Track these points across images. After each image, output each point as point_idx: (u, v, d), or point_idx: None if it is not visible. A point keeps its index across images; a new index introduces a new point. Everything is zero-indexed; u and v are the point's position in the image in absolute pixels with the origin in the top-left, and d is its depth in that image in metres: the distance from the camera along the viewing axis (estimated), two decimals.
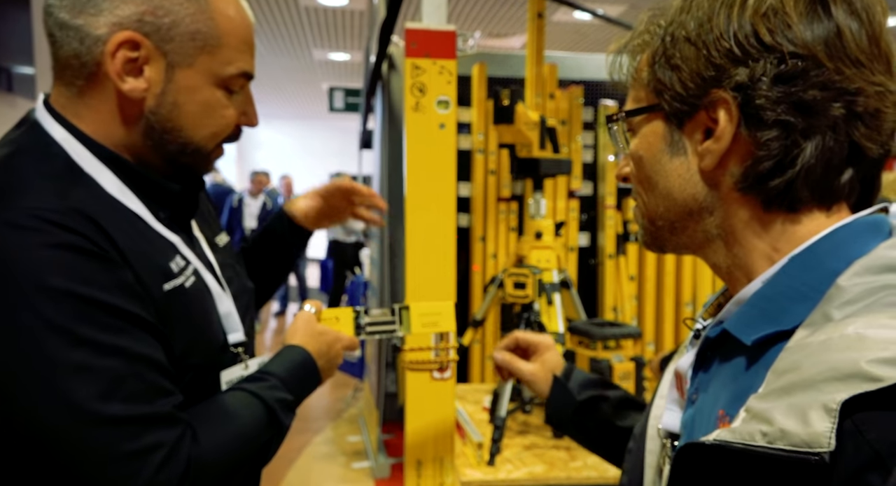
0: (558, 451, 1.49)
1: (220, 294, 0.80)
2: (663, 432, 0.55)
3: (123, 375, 0.63)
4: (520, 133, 1.69)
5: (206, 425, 0.70)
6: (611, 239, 3.00)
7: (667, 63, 0.50)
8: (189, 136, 0.75)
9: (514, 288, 1.54)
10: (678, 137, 0.51)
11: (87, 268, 0.63)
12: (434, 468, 1.26)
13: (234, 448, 0.72)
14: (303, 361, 0.86)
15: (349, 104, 6.41)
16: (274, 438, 0.78)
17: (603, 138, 3.03)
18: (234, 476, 0.74)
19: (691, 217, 0.52)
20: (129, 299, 0.65)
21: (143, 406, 0.64)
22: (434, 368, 1.25)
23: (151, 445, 0.63)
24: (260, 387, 0.78)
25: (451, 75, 1.23)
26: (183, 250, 0.75)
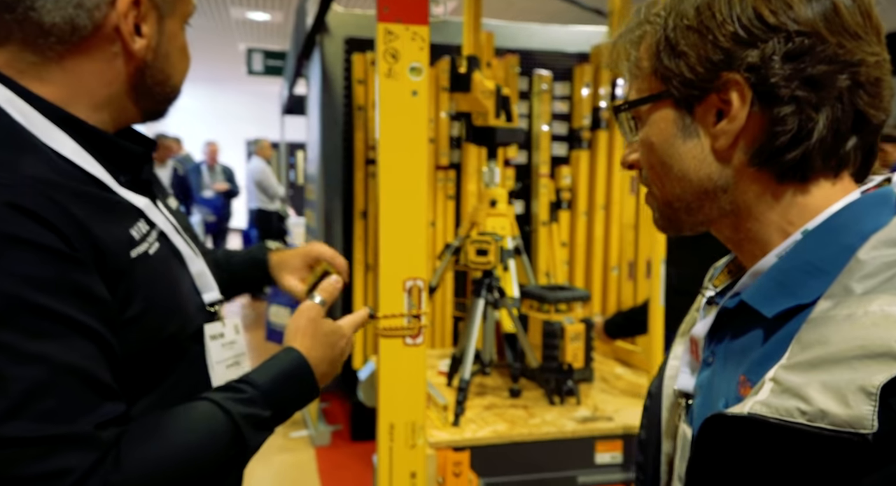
0: (517, 410, 1.56)
1: (191, 256, 0.77)
2: (678, 392, 0.58)
3: (41, 387, 0.56)
4: (476, 101, 1.71)
5: (139, 445, 0.62)
6: (544, 207, 3.10)
7: (672, 50, 0.51)
8: (174, 83, 0.76)
9: (477, 255, 1.57)
10: (689, 120, 0.52)
11: (22, 261, 0.57)
12: (406, 430, 1.29)
13: (172, 473, 0.63)
14: (295, 369, 0.76)
15: (269, 67, 6.13)
16: (234, 459, 0.68)
17: (537, 108, 3.10)
18: None
19: (707, 196, 0.53)
20: (69, 298, 0.59)
21: (57, 426, 0.56)
22: (407, 334, 1.27)
23: (57, 470, 0.56)
24: (229, 397, 0.69)
25: (424, 42, 1.22)
26: (150, 214, 0.72)
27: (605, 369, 1.88)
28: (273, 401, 0.72)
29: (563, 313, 1.70)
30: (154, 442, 0.63)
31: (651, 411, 0.64)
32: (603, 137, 3.04)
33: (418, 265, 1.27)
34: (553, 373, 1.61)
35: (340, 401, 3.48)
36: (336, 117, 3.04)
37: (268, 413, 0.71)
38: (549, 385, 1.59)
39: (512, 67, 3.06)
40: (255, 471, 2.78)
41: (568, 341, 1.67)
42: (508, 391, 1.65)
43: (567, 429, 1.45)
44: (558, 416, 1.51)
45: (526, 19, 6.04)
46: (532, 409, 1.56)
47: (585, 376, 1.71)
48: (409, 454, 1.30)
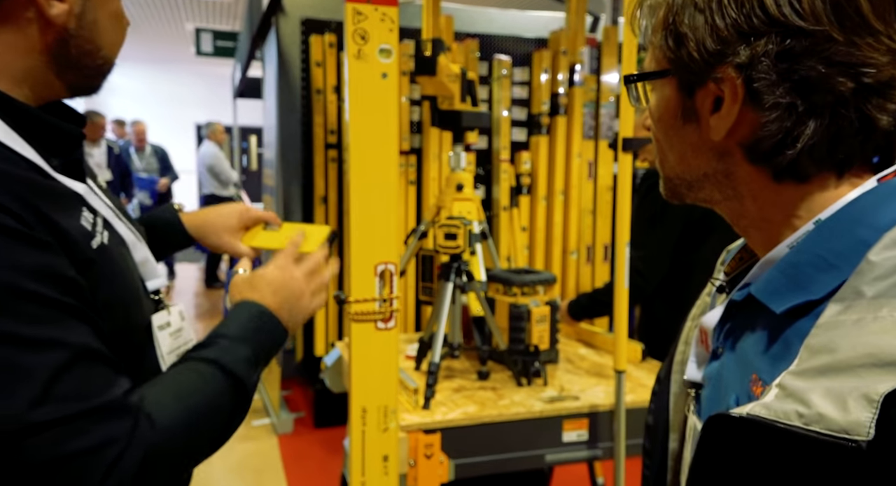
0: (485, 391, 1.58)
1: (134, 242, 0.73)
2: (687, 382, 0.57)
3: (61, 370, 0.56)
4: (442, 85, 1.70)
5: (163, 404, 0.64)
6: (505, 192, 3.13)
7: (676, 30, 0.48)
8: (106, 54, 0.69)
9: (445, 239, 1.58)
10: (689, 103, 0.50)
11: (8, 250, 0.55)
12: (378, 414, 1.29)
13: (197, 426, 0.66)
14: (256, 313, 0.77)
15: (219, 48, 5.95)
16: (239, 404, 0.71)
17: (497, 93, 3.11)
18: (200, 455, 0.68)
19: (707, 179, 0.52)
20: (56, 284, 0.58)
21: (86, 401, 0.57)
22: (378, 318, 1.27)
23: (101, 441, 0.57)
24: (212, 352, 0.71)
25: (394, 23, 1.20)
26: (90, 201, 0.68)
27: (570, 351, 1.92)
28: (250, 343, 0.74)
29: (529, 296, 1.72)
30: (174, 399, 0.65)
31: (659, 396, 0.63)
32: (562, 122, 3.08)
33: (389, 249, 1.26)
34: (520, 355, 1.64)
35: (302, 388, 3.45)
36: (294, 101, 2.98)
37: (250, 352, 0.73)
38: (517, 367, 1.62)
39: (472, 52, 3.06)
40: (217, 461, 2.73)
41: (534, 324, 1.70)
42: (476, 374, 1.67)
43: (535, 409, 1.48)
44: (526, 397, 1.54)
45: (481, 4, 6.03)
46: (501, 391, 1.58)
47: (551, 357, 1.75)
48: (381, 438, 1.30)
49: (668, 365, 0.63)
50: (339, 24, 2.95)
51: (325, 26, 2.96)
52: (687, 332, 0.63)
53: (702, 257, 1.84)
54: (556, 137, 3.10)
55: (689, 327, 0.63)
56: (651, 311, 1.98)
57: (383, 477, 1.31)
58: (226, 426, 0.70)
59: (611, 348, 1.89)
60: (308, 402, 3.25)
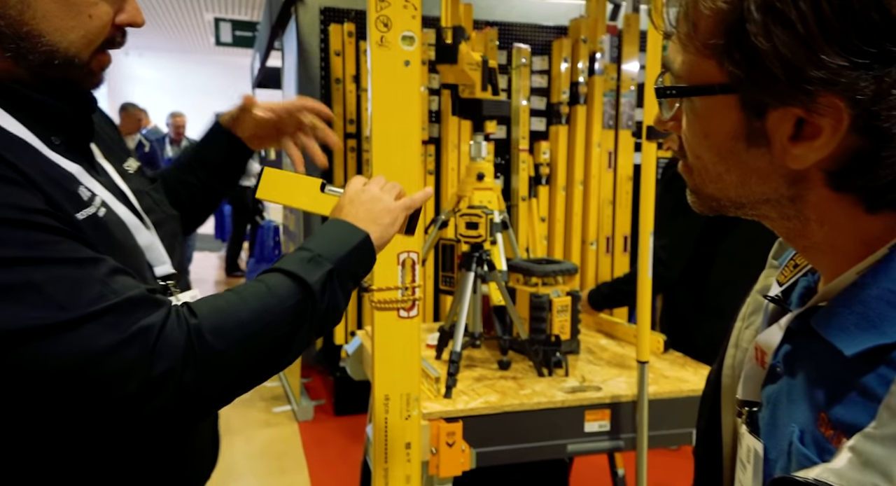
0: (506, 381, 1.58)
1: (137, 225, 0.73)
2: (740, 401, 0.54)
3: (77, 278, 0.58)
4: (463, 73, 1.69)
5: (207, 300, 0.65)
6: (524, 182, 3.12)
7: (750, 42, 0.38)
8: (54, 42, 0.64)
9: (467, 228, 1.57)
10: (758, 125, 0.42)
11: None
12: (401, 402, 1.30)
13: (247, 320, 0.65)
14: (329, 224, 0.81)
15: (238, 38, 5.97)
16: (302, 301, 0.69)
17: (516, 82, 3.08)
18: (261, 358, 0.66)
19: (767, 203, 0.45)
20: (49, 216, 0.60)
21: (110, 298, 0.58)
22: (401, 307, 1.27)
23: (138, 329, 0.58)
24: (275, 264, 0.73)
25: (416, 10, 1.20)
26: (84, 181, 0.68)
27: (591, 341, 1.92)
28: (317, 246, 0.75)
29: (550, 286, 1.72)
30: (221, 297, 0.66)
31: (710, 401, 0.60)
32: (581, 112, 3.05)
33: (412, 238, 1.26)
34: (541, 345, 1.64)
35: (322, 377, 3.48)
36: (313, 91, 2.98)
37: (314, 253, 0.73)
38: (538, 357, 1.61)
39: (491, 41, 3.04)
40: (239, 446, 2.77)
41: (555, 314, 1.69)
42: (497, 363, 1.67)
43: (557, 399, 1.47)
44: (547, 387, 1.54)
45: None
46: (521, 380, 1.58)
47: (572, 347, 1.74)
48: (404, 426, 1.31)
49: (717, 368, 0.60)
50: (358, 13, 2.94)
51: (344, 15, 2.96)
52: (737, 334, 0.59)
53: (724, 248, 1.82)
54: (575, 127, 3.07)
55: (738, 328, 0.59)
56: (673, 301, 1.97)
57: (406, 464, 1.32)
58: (291, 328, 0.68)
59: (632, 338, 1.88)
60: (328, 390, 3.28)
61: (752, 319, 0.59)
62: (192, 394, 0.61)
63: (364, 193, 0.86)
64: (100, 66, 0.70)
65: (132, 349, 0.58)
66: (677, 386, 1.55)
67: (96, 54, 0.68)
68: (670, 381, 1.58)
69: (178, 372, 0.59)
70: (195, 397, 0.61)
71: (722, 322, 2.17)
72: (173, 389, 0.59)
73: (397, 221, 0.88)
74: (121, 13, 0.68)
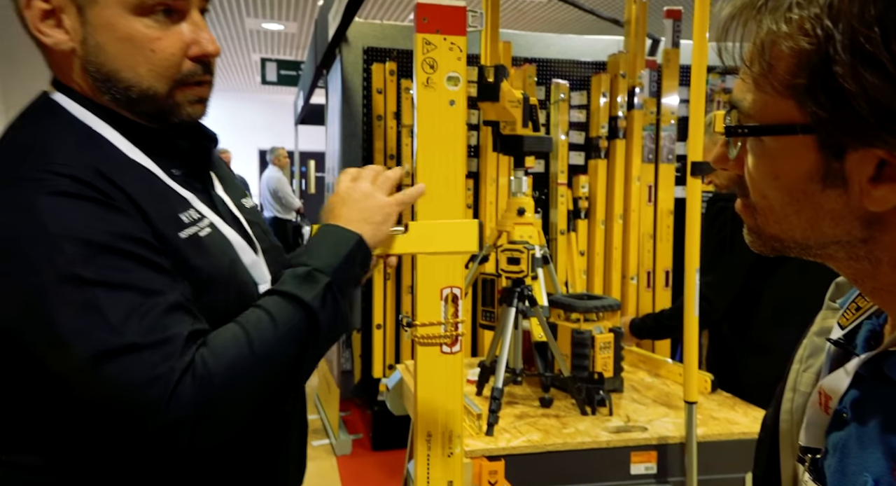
0: (549, 419, 1.56)
1: (244, 246, 0.79)
2: (802, 447, 0.52)
3: (132, 308, 0.63)
4: (504, 111, 1.71)
5: (221, 342, 0.68)
6: (562, 216, 3.11)
7: (836, 83, 0.37)
8: (128, 78, 0.70)
9: (508, 263, 1.58)
10: (836, 166, 0.40)
11: (90, 213, 0.64)
12: (444, 439, 1.29)
13: (261, 358, 0.68)
14: (319, 232, 0.81)
15: (283, 77, 6.19)
16: (302, 323, 0.72)
17: (554, 117, 3.11)
18: (272, 390, 0.70)
19: (837, 244, 0.44)
20: (134, 243, 0.65)
21: (156, 334, 0.63)
22: (444, 342, 1.28)
23: (163, 372, 0.62)
24: (275, 285, 0.76)
25: (461, 52, 1.23)
26: (196, 205, 0.75)
27: (635, 379, 1.87)
28: (314, 257, 0.77)
29: (592, 321, 1.70)
30: (229, 339, 0.68)
31: (766, 445, 0.58)
32: (620, 146, 3.05)
33: (455, 273, 1.27)
34: (584, 382, 1.61)
35: (360, 411, 3.48)
36: (355, 127, 3.06)
37: (309, 267, 0.75)
38: (581, 395, 1.59)
39: (529, 77, 3.08)
40: None
41: (598, 351, 1.66)
42: (539, 401, 1.65)
43: (601, 439, 1.44)
44: (591, 426, 1.51)
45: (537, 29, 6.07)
46: (564, 419, 1.55)
47: (616, 385, 1.71)
48: (446, 463, 1.29)
49: (774, 414, 0.58)
50: (399, 52, 3.03)
51: (386, 55, 3.05)
52: (795, 377, 0.57)
53: (772, 285, 1.77)
54: (614, 161, 3.07)
55: (796, 371, 0.57)
56: (718, 338, 1.92)
57: None
58: (297, 354, 0.71)
59: (677, 377, 1.83)
60: (366, 424, 3.27)
61: (809, 361, 0.57)
62: (207, 434, 0.65)
63: (355, 190, 0.86)
64: (186, 99, 0.75)
65: (155, 390, 0.62)
66: (727, 428, 1.50)
67: (178, 87, 0.73)
68: (720, 423, 1.53)
69: (191, 417, 0.63)
70: (211, 435, 0.66)
71: (768, 361, 2.10)
72: (187, 431, 0.63)
73: (391, 218, 0.87)
74: (193, 46, 0.73)
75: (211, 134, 0.82)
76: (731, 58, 0.44)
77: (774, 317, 1.75)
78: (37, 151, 0.66)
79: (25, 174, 0.64)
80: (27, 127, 0.71)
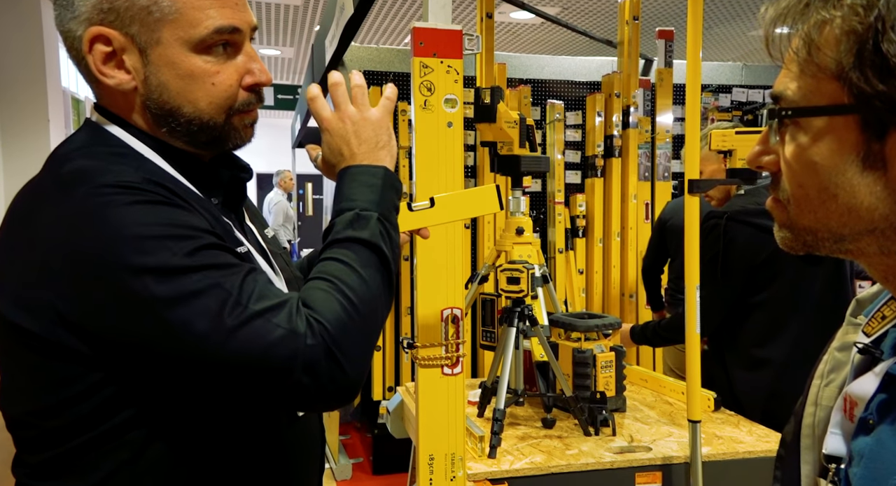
0: (552, 440, 1.54)
1: (272, 275, 0.82)
2: (827, 456, 0.52)
3: (243, 283, 0.66)
4: (501, 131, 1.73)
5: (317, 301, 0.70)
6: (560, 235, 3.11)
7: (882, 61, 0.39)
8: (189, 113, 0.73)
9: (508, 283, 1.57)
10: (877, 148, 0.42)
11: (173, 214, 0.67)
12: (446, 462, 1.27)
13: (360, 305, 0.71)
14: (345, 177, 0.80)
15: (280, 101, 6.24)
16: (371, 258, 0.75)
17: (550, 137, 3.13)
18: (377, 322, 0.74)
19: (872, 234, 0.44)
20: (214, 236, 0.69)
21: (271, 299, 0.66)
22: (445, 364, 1.27)
23: (291, 330, 0.65)
24: (327, 240, 0.77)
25: (458, 74, 1.24)
26: (235, 232, 0.79)
27: (637, 397, 1.86)
28: (349, 198, 0.78)
29: (593, 340, 1.69)
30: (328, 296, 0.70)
31: (787, 462, 0.58)
32: (616, 164, 3.07)
33: (455, 294, 1.27)
34: (586, 402, 1.60)
35: (360, 434, 3.44)
36: None
37: (352, 212, 0.77)
38: (584, 415, 1.57)
39: (525, 97, 3.11)
40: None
41: (599, 370, 1.65)
42: (541, 421, 1.63)
43: (605, 460, 1.43)
44: (595, 447, 1.49)
45: (532, 51, 6.15)
46: (567, 439, 1.54)
47: (618, 405, 1.69)
48: None
49: (795, 429, 0.58)
50: (395, 75, 3.06)
51: (383, 78, 3.08)
52: (816, 391, 0.57)
53: (765, 299, 1.76)
54: (610, 179, 3.08)
55: (817, 386, 0.57)
56: (713, 351, 1.90)
57: None
58: (381, 286, 0.75)
59: (679, 395, 1.82)
60: (367, 447, 3.23)
61: (831, 376, 0.57)
62: (339, 376, 0.68)
63: (347, 120, 0.82)
64: (242, 123, 0.78)
65: (295, 340, 0.65)
66: (732, 447, 1.48)
67: (234, 115, 0.76)
68: (724, 442, 1.52)
69: (325, 360, 0.66)
70: (342, 377, 0.68)
71: (761, 374, 2.06)
72: (326, 375, 0.66)
73: (390, 129, 0.86)
74: (248, 76, 0.76)
75: (246, 166, 0.85)
76: (776, 50, 0.46)
77: (767, 331, 1.75)
78: (98, 172, 0.68)
79: (93, 190, 0.65)
80: (81, 151, 0.72)
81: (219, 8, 0.72)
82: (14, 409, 0.71)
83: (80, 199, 0.65)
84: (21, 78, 3.71)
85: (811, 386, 0.58)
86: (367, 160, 0.81)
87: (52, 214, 0.65)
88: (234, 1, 0.73)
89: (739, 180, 1.58)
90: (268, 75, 0.77)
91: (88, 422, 0.67)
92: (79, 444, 0.68)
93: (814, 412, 0.56)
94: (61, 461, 0.68)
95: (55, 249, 0.64)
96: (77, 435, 0.67)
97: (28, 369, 0.68)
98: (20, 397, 0.70)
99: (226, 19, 0.72)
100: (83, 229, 0.63)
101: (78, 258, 0.63)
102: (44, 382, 0.67)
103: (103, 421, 0.67)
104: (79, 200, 0.65)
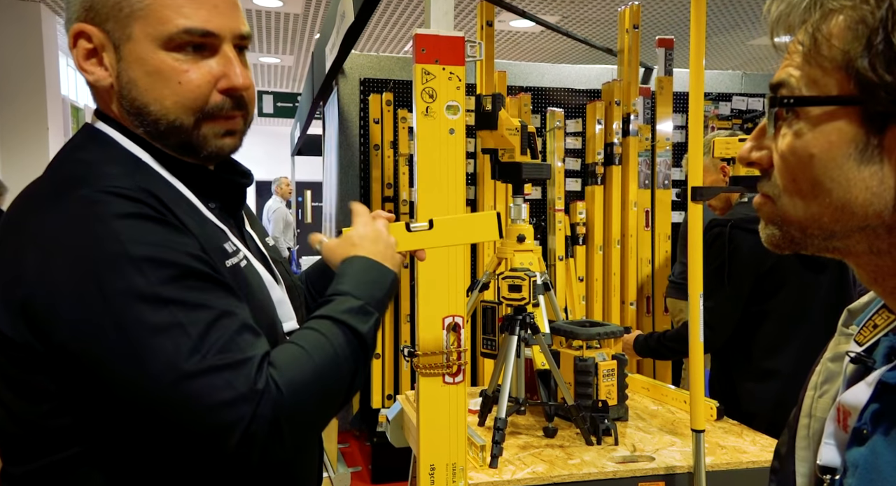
0: (553, 449, 1.52)
1: (272, 283, 0.80)
2: (820, 467, 0.51)
3: (209, 328, 0.63)
4: (502, 139, 1.72)
5: (287, 366, 0.69)
6: (560, 242, 3.11)
7: (890, 51, 0.39)
8: (156, 111, 0.71)
9: (510, 291, 1.56)
10: (875, 141, 0.41)
11: (161, 234, 0.65)
12: (447, 472, 1.26)
13: (322, 380, 0.70)
14: (366, 265, 0.84)
15: (280, 109, 6.25)
16: (356, 350, 0.75)
17: (550, 144, 3.13)
18: (330, 407, 0.73)
19: (864, 232, 0.43)
20: (202, 263, 0.67)
21: (234, 354, 0.64)
22: (446, 372, 1.26)
23: (241, 394, 0.63)
24: (323, 310, 0.77)
25: (460, 81, 1.24)
26: (232, 238, 0.76)
27: (639, 406, 1.85)
28: (358, 293, 0.79)
29: (595, 348, 1.68)
30: (294, 357, 0.69)
31: (782, 474, 0.57)
32: (616, 172, 3.07)
33: (457, 302, 1.26)
34: (588, 411, 1.58)
35: (359, 442, 3.41)
36: (352, 157, 3.08)
37: (361, 302, 0.78)
38: (585, 424, 1.56)
39: (525, 105, 3.11)
40: None
41: (601, 378, 1.64)
42: (543, 430, 1.62)
43: (608, 470, 1.41)
44: (597, 456, 1.48)
45: (532, 59, 6.17)
46: (569, 449, 1.52)
47: (620, 413, 1.68)
48: None
49: (789, 440, 0.57)
50: (396, 82, 3.06)
51: (383, 85, 3.08)
52: (810, 403, 0.56)
53: (772, 307, 1.76)
54: (611, 187, 3.08)
55: (811, 398, 0.56)
56: (720, 361, 1.89)
57: None
58: (351, 377, 0.74)
59: (682, 404, 1.81)
60: (365, 456, 3.20)
61: (825, 387, 0.56)
62: (275, 450, 0.66)
63: (374, 229, 0.91)
64: (213, 132, 0.74)
65: (243, 408, 0.63)
66: (736, 457, 1.47)
67: (205, 120, 0.73)
68: (728, 451, 1.50)
69: (266, 435, 0.64)
70: (278, 452, 0.66)
71: (769, 384, 2.05)
72: (260, 448, 0.64)
73: (398, 256, 0.92)
74: (223, 80, 0.73)
75: (246, 171, 0.84)
76: (781, 35, 0.45)
77: (775, 340, 1.74)
78: (92, 175, 0.67)
79: (85, 196, 0.64)
80: (77, 153, 0.72)
81: (195, 9, 0.70)
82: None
83: (69, 207, 0.64)
84: (21, 86, 3.72)
85: (805, 398, 0.57)
86: (386, 263, 0.87)
87: (40, 222, 0.65)
88: (213, 3, 0.71)
89: (742, 188, 1.58)
90: (246, 80, 0.74)
91: (49, 446, 0.66)
92: (46, 464, 0.67)
93: (808, 423, 0.55)
94: (38, 476, 0.68)
95: (37, 258, 0.63)
96: (43, 456, 0.67)
97: (6, 378, 0.67)
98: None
99: (199, 21, 0.70)
100: (65, 241, 0.63)
101: (54, 269, 0.62)
102: (20, 392, 0.66)
103: (59, 450, 0.66)
104: (68, 209, 0.64)
